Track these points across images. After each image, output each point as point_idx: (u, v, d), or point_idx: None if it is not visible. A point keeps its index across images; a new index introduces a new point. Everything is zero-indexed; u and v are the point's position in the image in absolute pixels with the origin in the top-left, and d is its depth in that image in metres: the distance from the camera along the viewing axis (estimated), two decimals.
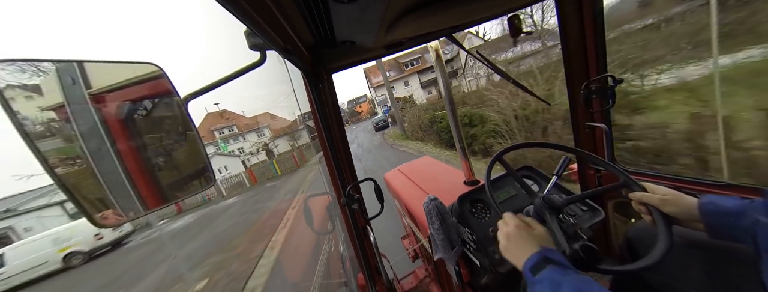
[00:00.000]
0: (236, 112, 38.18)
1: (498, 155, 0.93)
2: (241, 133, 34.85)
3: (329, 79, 1.12)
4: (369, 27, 0.76)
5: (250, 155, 31.38)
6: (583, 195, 0.87)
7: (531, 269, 0.58)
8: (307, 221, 1.23)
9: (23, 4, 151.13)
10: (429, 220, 1.03)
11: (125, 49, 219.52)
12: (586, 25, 1.02)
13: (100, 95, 0.50)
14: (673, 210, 0.67)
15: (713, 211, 0.61)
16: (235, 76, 0.68)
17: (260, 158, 32.12)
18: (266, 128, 37.21)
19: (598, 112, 1.14)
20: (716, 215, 0.60)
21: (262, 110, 38.71)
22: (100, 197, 0.48)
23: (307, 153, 25.16)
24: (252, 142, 33.13)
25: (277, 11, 0.52)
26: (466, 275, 1.12)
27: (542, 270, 0.56)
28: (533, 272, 0.57)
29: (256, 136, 36.04)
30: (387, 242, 3.49)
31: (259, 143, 32.88)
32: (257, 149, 31.81)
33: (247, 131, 35.76)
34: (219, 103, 36.45)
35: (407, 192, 1.64)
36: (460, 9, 0.76)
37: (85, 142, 0.47)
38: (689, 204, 0.65)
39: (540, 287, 0.54)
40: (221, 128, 33.70)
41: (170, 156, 0.61)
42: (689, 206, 0.65)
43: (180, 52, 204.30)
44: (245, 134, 35.55)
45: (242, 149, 33.08)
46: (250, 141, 34.19)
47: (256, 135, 36.15)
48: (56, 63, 0.46)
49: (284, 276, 4.97)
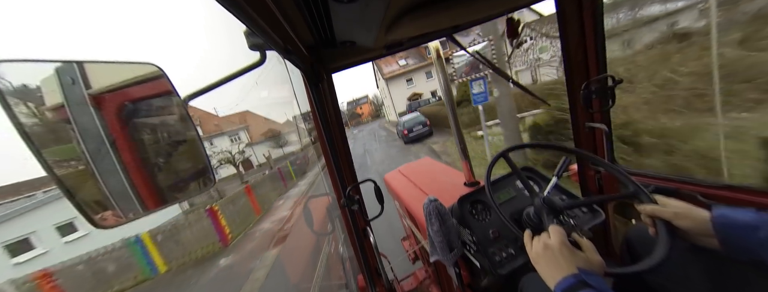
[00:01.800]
0: (204, 110, 30.82)
1: (498, 155, 0.94)
2: (206, 137, 27.26)
3: (329, 80, 1.12)
4: (369, 27, 0.76)
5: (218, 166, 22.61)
6: (585, 201, 0.87)
7: (564, 289, 0.56)
8: (307, 223, 1.23)
9: (23, 4, 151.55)
10: (428, 221, 1.03)
11: (125, 49, 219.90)
12: (586, 25, 1.02)
13: (100, 96, 0.50)
14: (685, 224, 0.64)
15: (727, 224, 0.59)
16: (235, 77, 0.68)
17: (227, 173, 24.88)
18: (243, 131, 30.40)
19: (597, 112, 1.14)
20: (730, 228, 0.58)
21: (261, 110, 33.66)
22: (100, 198, 0.47)
23: (303, 163, 18.07)
24: (220, 150, 24.00)
25: (277, 11, 0.52)
26: (466, 277, 1.12)
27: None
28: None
29: (229, 141, 28.95)
30: (387, 244, 3.49)
31: (227, 152, 23.43)
32: (220, 162, 22.50)
33: (214, 135, 28.29)
34: (219, 103, 33.88)
35: (407, 193, 1.64)
36: (460, 9, 0.77)
37: (84, 143, 0.47)
38: (702, 218, 0.62)
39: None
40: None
41: (170, 157, 0.61)
42: (702, 220, 0.62)
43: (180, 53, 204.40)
44: (213, 138, 28.05)
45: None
46: (220, 148, 25.37)
47: (229, 140, 29.05)
48: (56, 63, 0.46)
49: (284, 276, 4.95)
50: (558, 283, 0.57)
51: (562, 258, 0.61)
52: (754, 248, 0.55)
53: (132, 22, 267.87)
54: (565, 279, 0.57)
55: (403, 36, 0.94)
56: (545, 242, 0.66)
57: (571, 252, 0.62)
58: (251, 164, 30.39)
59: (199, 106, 29.97)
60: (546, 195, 0.85)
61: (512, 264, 0.92)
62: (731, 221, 0.58)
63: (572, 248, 0.64)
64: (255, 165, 30.30)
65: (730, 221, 0.58)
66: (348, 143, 1.25)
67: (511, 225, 0.81)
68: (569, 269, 0.59)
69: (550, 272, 0.61)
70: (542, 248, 0.66)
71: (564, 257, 0.61)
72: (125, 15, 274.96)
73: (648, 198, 0.73)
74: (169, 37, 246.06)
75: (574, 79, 1.13)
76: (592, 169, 1.26)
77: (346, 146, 1.24)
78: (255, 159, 30.38)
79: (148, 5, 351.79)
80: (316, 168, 16.95)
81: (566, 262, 0.60)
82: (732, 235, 0.58)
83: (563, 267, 0.60)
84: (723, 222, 0.59)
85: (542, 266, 0.64)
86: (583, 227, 0.94)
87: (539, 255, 0.66)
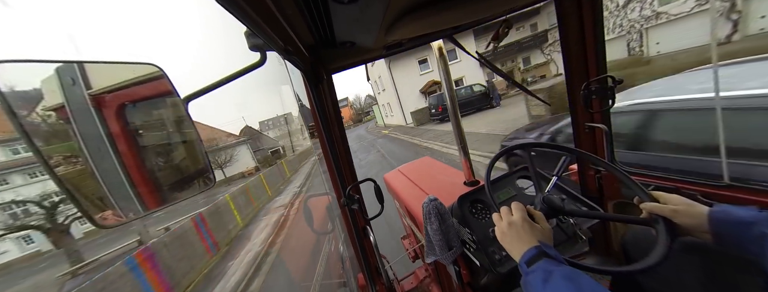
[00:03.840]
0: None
1: (500, 153, 0.94)
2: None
3: (329, 80, 1.12)
4: (369, 27, 0.76)
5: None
6: (590, 214, 0.88)
7: (527, 261, 0.61)
8: (306, 222, 1.24)
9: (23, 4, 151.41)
10: (427, 220, 1.03)
11: (126, 49, 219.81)
12: (585, 26, 1.02)
13: (101, 96, 0.50)
14: (685, 221, 0.65)
15: (723, 219, 0.60)
16: (235, 77, 0.68)
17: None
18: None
19: (597, 112, 1.14)
20: (726, 223, 0.59)
21: (261, 110, 34.74)
22: (100, 198, 0.48)
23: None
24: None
25: (277, 12, 0.53)
26: (466, 276, 1.12)
27: (537, 262, 0.59)
28: (528, 264, 0.61)
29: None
30: (387, 243, 3.49)
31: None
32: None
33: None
34: (219, 103, 33.48)
35: (407, 192, 1.64)
36: (460, 9, 0.77)
37: (85, 143, 0.47)
38: (700, 214, 0.64)
39: (532, 276, 0.57)
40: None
41: (170, 157, 0.61)
42: (699, 216, 0.63)
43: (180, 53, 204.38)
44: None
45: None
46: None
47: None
48: (57, 63, 0.46)
49: (284, 276, 4.95)
50: (522, 255, 0.64)
51: (524, 233, 0.68)
52: (745, 244, 0.56)
53: (133, 23, 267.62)
54: (529, 251, 0.63)
55: (403, 36, 0.94)
56: (509, 220, 0.72)
57: (532, 226, 0.69)
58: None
59: (199, 106, 29.21)
60: (546, 194, 0.85)
61: (512, 263, 0.93)
62: (729, 216, 0.60)
63: (532, 223, 0.70)
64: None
65: (727, 216, 0.60)
66: (348, 143, 1.25)
67: None
68: (531, 241, 0.65)
69: (516, 247, 0.67)
70: (507, 226, 0.72)
71: (526, 231, 0.68)
72: (126, 15, 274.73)
73: (647, 196, 0.74)
74: (170, 37, 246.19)
75: (574, 79, 1.13)
76: (592, 169, 1.26)
77: (346, 145, 1.24)
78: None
79: (148, 6, 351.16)
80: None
81: (528, 236, 0.67)
82: (726, 229, 0.59)
83: (525, 241, 0.66)
84: (719, 217, 0.61)
85: (508, 243, 0.71)
86: (582, 226, 0.95)
87: (505, 233, 0.72)
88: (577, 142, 1.26)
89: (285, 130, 30.33)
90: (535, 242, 0.65)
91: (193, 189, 0.62)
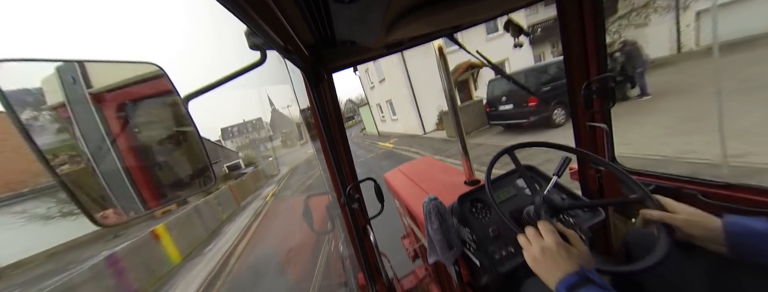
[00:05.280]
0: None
1: (501, 153, 0.94)
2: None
3: (329, 79, 1.12)
4: (369, 27, 0.76)
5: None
6: (588, 203, 0.87)
7: (568, 287, 0.56)
8: (306, 221, 1.24)
9: (23, 4, 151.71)
10: (428, 220, 1.03)
11: (126, 48, 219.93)
12: (586, 25, 1.02)
13: (101, 95, 0.50)
14: (698, 233, 0.63)
15: (740, 233, 0.59)
16: (235, 76, 0.68)
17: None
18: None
19: (598, 112, 1.14)
20: (742, 236, 0.58)
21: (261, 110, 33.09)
22: (101, 197, 0.48)
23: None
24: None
25: (278, 11, 0.52)
26: (466, 275, 1.12)
27: (580, 289, 0.55)
28: (569, 291, 0.56)
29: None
30: (387, 243, 3.49)
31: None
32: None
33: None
34: (219, 103, 33.17)
35: (407, 192, 1.64)
36: (460, 9, 0.76)
37: (85, 142, 0.47)
38: (715, 226, 0.62)
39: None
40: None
41: (171, 155, 0.61)
42: (715, 228, 0.62)
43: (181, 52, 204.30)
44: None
45: None
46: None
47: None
48: (57, 62, 0.46)
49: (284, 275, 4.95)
50: (560, 280, 0.58)
51: (561, 258, 0.62)
52: (765, 255, 0.55)
53: (133, 22, 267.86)
54: (569, 276, 0.57)
55: (403, 36, 0.94)
56: (542, 245, 0.66)
57: (568, 250, 0.63)
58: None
59: (199, 107, 28.77)
60: (546, 194, 0.85)
61: (512, 262, 0.93)
62: (744, 229, 0.58)
63: (568, 247, 0.64)
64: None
65: (743, 229, 0.58)
66: (348, 142, 1.25)
67: (511, 224, 0.82)
68: (571, 266, 0.60)
69: (551, 273, 0.62)
70: (540, 251, 0.65)
71: (562, 256, 0.62)
72: (126, 15, 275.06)
73: (654, 203, 0.70)
74: (170, 36, 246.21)
75: (575, 78, 1.13)
76: (593, 168, 1.26)
77: (347, 144, 1.24)
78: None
79: (148, 5, 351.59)
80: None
81: (565, 261, 0.61)
82: (743, 241, 0.58)
83: (563, 266, 0.60)
84: (736, 230, 0.59)
85: (542, 269, 0.64)
86: (582, 226, 0.95)
87: (538, 259, 0.65)
88: (578, 141, 1.26)
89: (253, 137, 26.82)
90: (575, 267, 0.59)
91: (194, 187, 0.62)
